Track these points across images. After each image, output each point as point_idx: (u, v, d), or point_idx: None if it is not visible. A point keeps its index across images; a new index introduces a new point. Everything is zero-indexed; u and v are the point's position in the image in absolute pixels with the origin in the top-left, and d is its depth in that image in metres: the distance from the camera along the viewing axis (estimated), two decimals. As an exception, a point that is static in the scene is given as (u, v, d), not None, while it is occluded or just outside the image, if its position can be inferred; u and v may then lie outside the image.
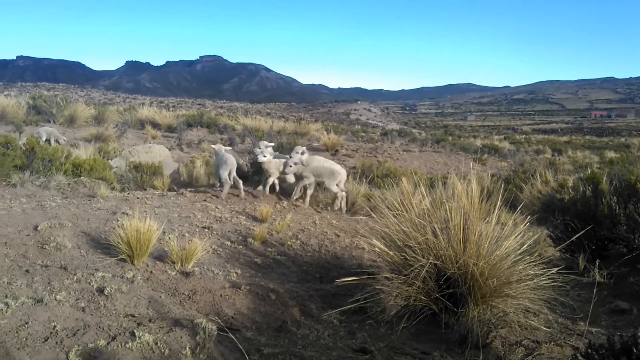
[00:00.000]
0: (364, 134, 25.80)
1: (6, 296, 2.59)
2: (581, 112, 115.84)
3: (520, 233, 3.43)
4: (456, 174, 4.20)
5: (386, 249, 3.51)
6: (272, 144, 6.54)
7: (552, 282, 3.28)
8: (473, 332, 2.94)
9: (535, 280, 3.26)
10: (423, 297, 3.26)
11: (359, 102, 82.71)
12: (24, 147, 6.62)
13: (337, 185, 5.94)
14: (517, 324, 3.18)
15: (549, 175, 9.63)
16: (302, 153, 6.24)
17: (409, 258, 3.34)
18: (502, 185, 6.76)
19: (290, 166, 5.87)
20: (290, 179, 6.19)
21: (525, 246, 3.38)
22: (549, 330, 3.19)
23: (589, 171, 6.63)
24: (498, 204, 3.51)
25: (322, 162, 6.37)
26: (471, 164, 15.82)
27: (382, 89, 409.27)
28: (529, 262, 3.35)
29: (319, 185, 6.16)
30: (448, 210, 3.39)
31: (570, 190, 6.66)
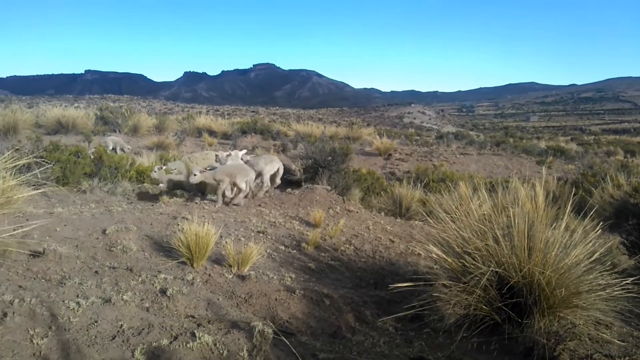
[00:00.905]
0: (418, 138, 25.26)
1: (77, 296, 2.76)
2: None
3: (591, 240, 3.17)
4: (518, 177, 3.97)
5: (444, 255, 3.39)
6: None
7: (626, 292, 3.02)
8: (539, 345, 2.77)
9: (607, 291, 3.01)
10: (484, 307, 3.10)
11: (412, 105, 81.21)
12: (92, 156, 7.15)
13: (244, 183, 6.21)
14: (587, 336, 2.95)
15: (621, 178, 8.94)
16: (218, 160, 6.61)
17: (468, 265, 3.20)
18: (571, 189, 6.32)
19: (195, 175, 6.08)
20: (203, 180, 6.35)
21: (596, 254, 3.12)
22: (623, 344, 2.92)
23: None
24: (568, 209, 3.27)
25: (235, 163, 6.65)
26: (535, 168, 14.94)
27: (437, 91, 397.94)
28: (601, 271, 3.10)
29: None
30: (511, 215, 3.21)
31: (648, 194, 6.07)
